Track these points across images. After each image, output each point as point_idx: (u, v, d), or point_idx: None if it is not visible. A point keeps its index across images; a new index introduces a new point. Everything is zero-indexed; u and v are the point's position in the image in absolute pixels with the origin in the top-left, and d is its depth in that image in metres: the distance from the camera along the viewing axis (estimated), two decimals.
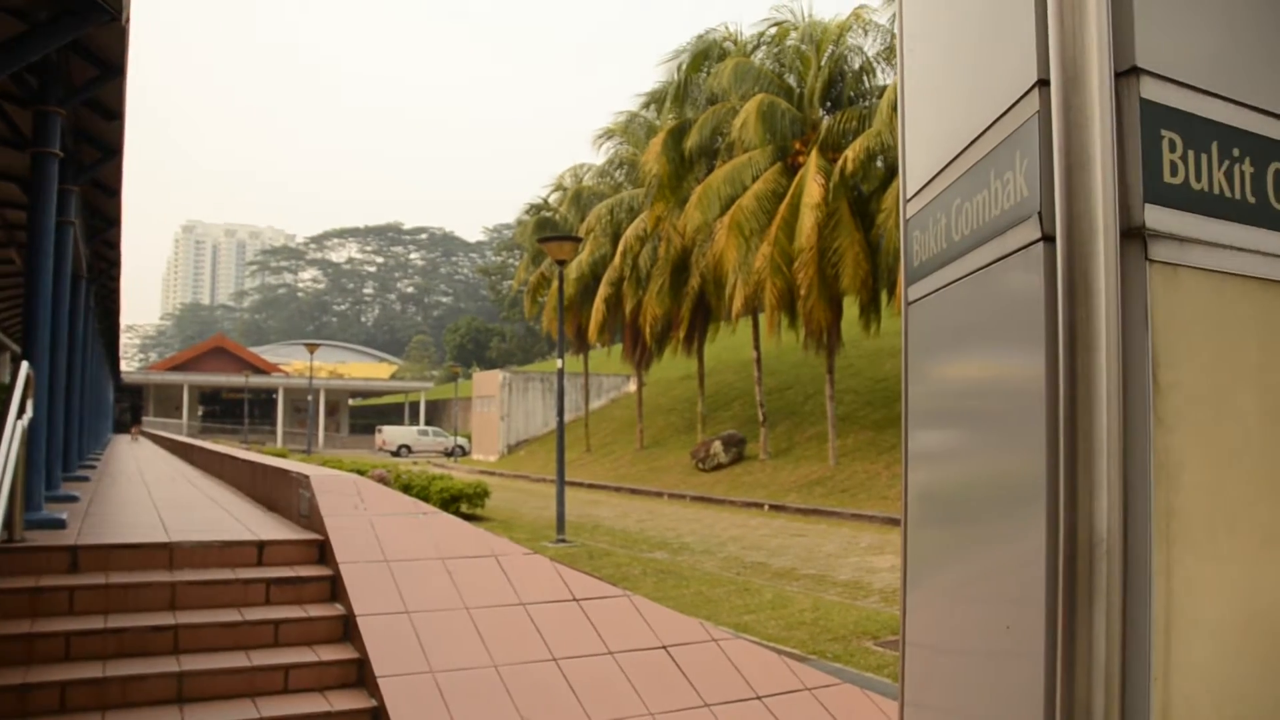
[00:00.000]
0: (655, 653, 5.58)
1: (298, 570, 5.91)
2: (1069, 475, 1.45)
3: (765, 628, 8.86)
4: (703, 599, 10.48)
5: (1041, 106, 1.55)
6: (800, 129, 26.52)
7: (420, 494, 17.92)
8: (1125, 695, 1.46)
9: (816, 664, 7.15)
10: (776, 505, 22.82)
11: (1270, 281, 1.66)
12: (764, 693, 5.40)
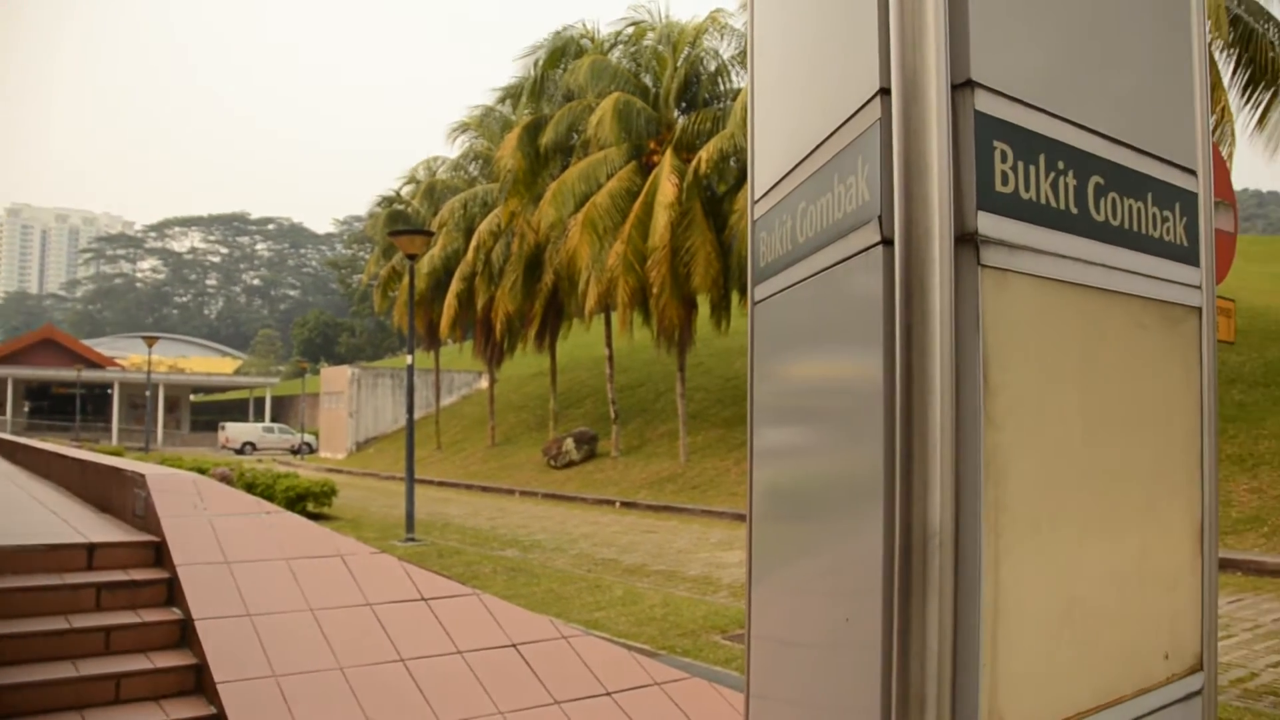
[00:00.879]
0: (505, 651, 5.55)
1: (131, 574, 5.65)
2: (904, 472, 1.51)
3: (616, 624, 8.91)
4: (554, 596, 10.47)
5: (883, 115, 1.61)
6: (655, 128, 26.75)
7: (264, 493, 17.39)
8: (956, 679, 1.53)
9: (666, 659, 7.23)
10: (628, 502, 22.96)
11: (1089, 287, 1.76)
12: (614, 689, 5.43)
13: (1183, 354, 2.03)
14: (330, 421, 48.54)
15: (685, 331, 26.14)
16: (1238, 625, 9.70)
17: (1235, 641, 8.99)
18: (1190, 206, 2.05)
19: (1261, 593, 11.51)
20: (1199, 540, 2.06)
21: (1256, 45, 18.88)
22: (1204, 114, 2.14)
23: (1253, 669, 8.02)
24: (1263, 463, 16.34)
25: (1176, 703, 1.99)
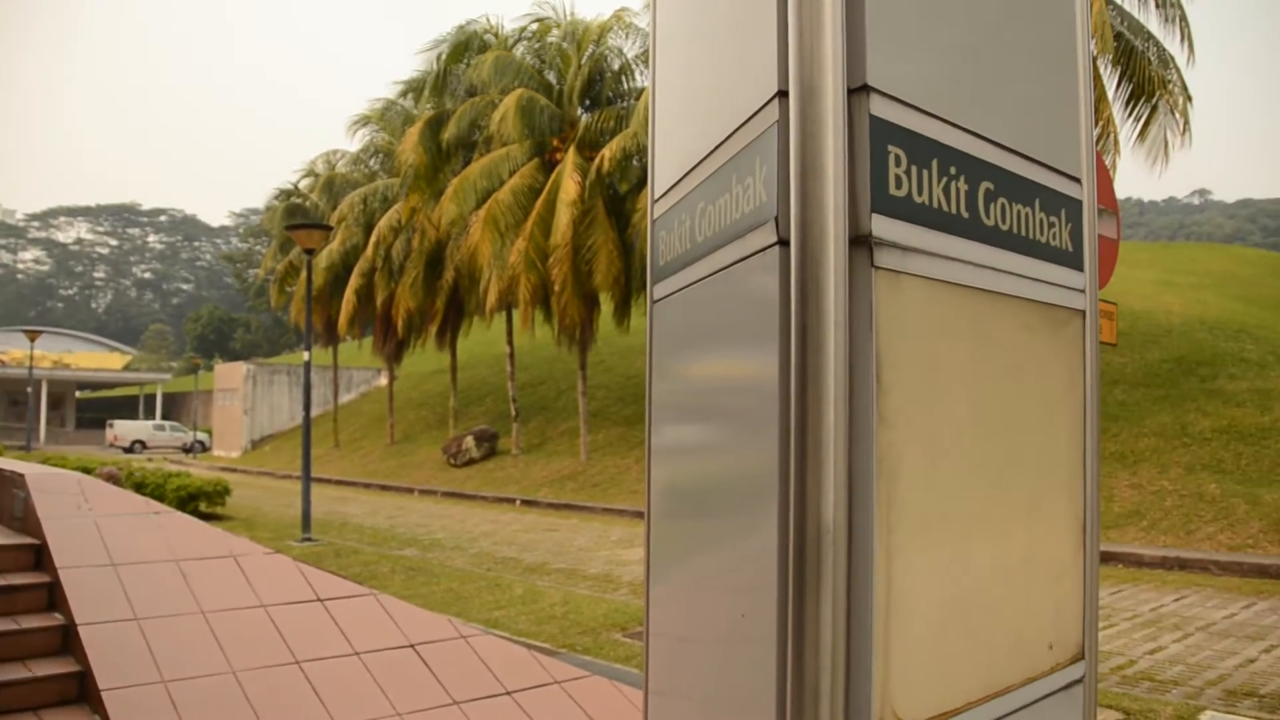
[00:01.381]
0: (403, 652, 5.49)
1: (9, 578, 5.44)
2: (799, 469, 1.53)
3: (516, 623, 8.88)
4: (453, 596, 10.39)
5: (780, 117, 1.63)
6: (559, 126, 26.69)
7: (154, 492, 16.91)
8: (850, 672, 1.56)
9: (566, 657, 7.23)
10: (529, 500, 22.88)
11: (979, 290, 1.81)
12: (514, 688, 5.41)
13: (1067, 355, 2.10)
14: (224, 419, 47.37)
15: (587, 329, 26.15)
16: (1118, 615, 10.07)
17: (1116, 631, 9.33)
18: (1075, 213, 2.12)
19: (1140, 584, 11.97)
20: (1081, 535, 2.14)
21: (1137, 62, 19.64)
22: (1088, 124, 2.21)
23: (1131, 656, 8.33)
24: (1143, 460, 16.98)
25: (1060, 690, 2.06)
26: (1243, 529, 14.04)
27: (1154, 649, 8.62)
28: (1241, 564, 12.77)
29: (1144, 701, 6.55)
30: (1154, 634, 9.20)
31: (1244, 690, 7.30)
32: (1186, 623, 9.68)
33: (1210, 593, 11.37)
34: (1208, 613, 10.20)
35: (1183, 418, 18.18)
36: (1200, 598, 11.06)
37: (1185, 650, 8.56)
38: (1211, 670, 7.87)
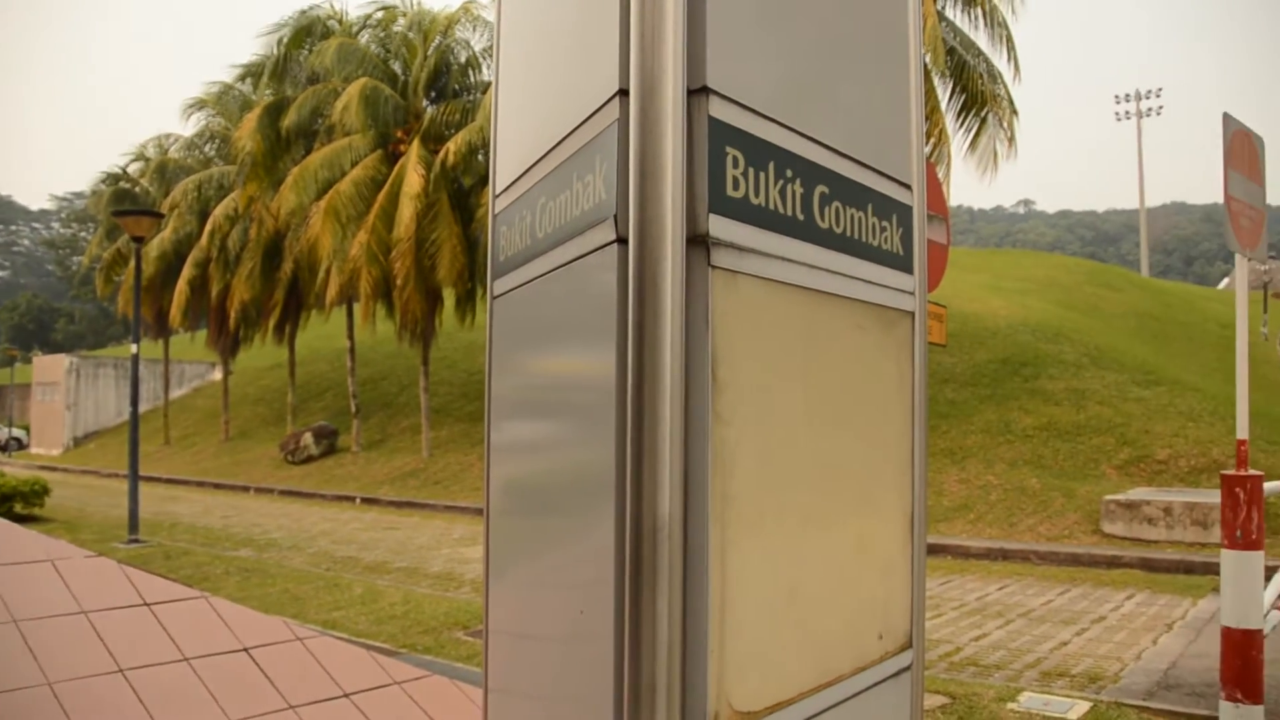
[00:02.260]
0: (236, 656, 5.29)
1: None
2: (635, 466, 1.54)
3: (355, 623, 8.70)
4: (290, 597, 10.11)
5: (621, 115, 1.63)
6: (403, 117, 26.23)
7: None
8: (686, 666, 1.57)
9: (407, 657, 7.12)
10: (369, 498, 22.46)
11: (813, 290, 1.86)
12: (351, 690, 5.28)
13: (897, 355, 2.17)
14: (43, 415, 44.88)
15: (430, 325, 25.80)
16: (946, 604, 10.50)
17: (944, 619, 9.73)
18: (906, 218, 2.20)
19: (967, 574, 12.51)
20: (910, 528, 2.22)
21: (969, 76, 20.54)
22: (919, 134, 2.29)
23: (958, 644, 8.69)
24: (970, 456, 17.75)
25: (889, 678, 2.13)
26: (1059, 520, 14.83)
27: (979, 635, 9.02)
28: (1058, 553, 13.48)
29: (969, 686, 6.85)
30: (979, 621, 9.63)
31: (1058, 671, 7.71)
32: (1008, 610, 10.17)
33: (1030, 581, 11.96)
34: (1027, 600, 10.73)
35: (1007, 415, 19.08)
36: (1021, 586, 11.63)
37: (1007, 636, 8.99)
38: (1030, 654, 8.29)
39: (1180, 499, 13.85)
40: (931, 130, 19.61)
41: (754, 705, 1.70)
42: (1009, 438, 18.19)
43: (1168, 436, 17.44)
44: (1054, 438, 17.96)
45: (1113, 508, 14.18)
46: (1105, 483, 16.14)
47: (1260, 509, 5.32)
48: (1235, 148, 5.61)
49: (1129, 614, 9.96)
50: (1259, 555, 5.33)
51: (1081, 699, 6.62)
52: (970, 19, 21.16)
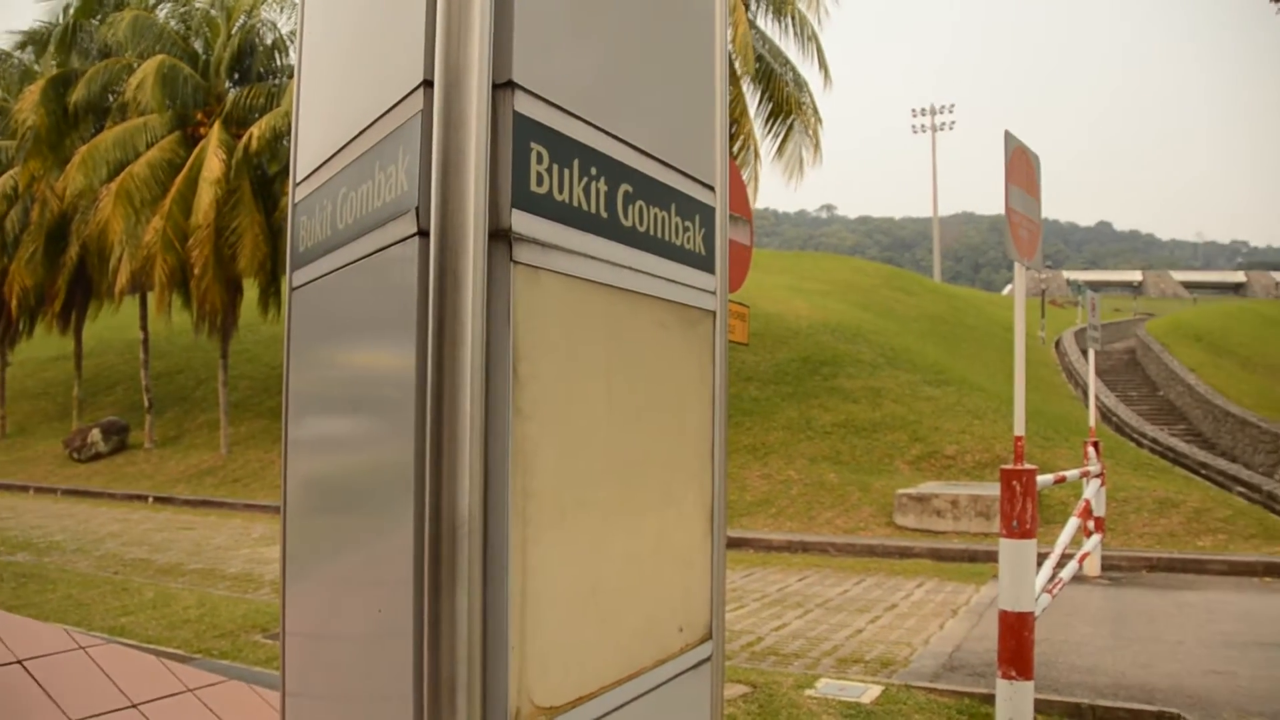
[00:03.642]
0: (9, 669, 4.95)
1: None
2: (435, 462, 1.52)
3: (145, 629, 8.28)
4: (73, 603, 9.54)
5: (425, 106, 1.61)
6: (204, 99, 25.10)
7: None
8: (486, 662, 1.56)
9: (202, 663, 6.83)
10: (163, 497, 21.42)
11: (616, 288, 1.88)
12: (140, 700, 5.02)
13: (698, 353, 2.21)
14: None
15: (229, 316, 24.79)
16: (748, 596, 10.80)
17: (747, 610, 10.00)
18: (709, 219, 2.25)
19: (769, 566, 12.89)
20: (710, 522, 2.27)
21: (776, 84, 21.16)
22: (723, 137, 2.35)
23: (759, 634, 8.95)
24: (772, 452, 18.29)
25: (689, 670, 2.18)
26: (856, 514, 15.46)
27: (779, 625, 9.31)
28: (854, 545, 14.05)
29: (769, 674, 7.06)
30: (779, 612, 9.94)
31: (853, 657, 8.04)
32: (807, 600, 10.54)
33: (829, 572, 12.43)
34: (825, 590, 11.15)
35: (808, 413, 19.76)
36: (820, 577, 12.07)
37: (806, 625, 9.31)
38: (827, 642, 8.61)
39: (966, 492, 14.67)
40: (739, 135, 20.11)
41: (556, 700, 1.70)
42: (809, 434, 18.85)
43: (955, 433, 18.43)
44: (851, 434, 18.72)
45: (905, 501, 14.88)
46: (898, 477, 16.93)
47: (1034, 501, 5.68)
48: (1015, 164, 5.98)
49: (919, 601, 10.49)
50: (1032, 543, 5.70)
51: (874, 683, 6.93)
52: (780, 28, 21.80)
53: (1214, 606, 10.41)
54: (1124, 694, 7.07)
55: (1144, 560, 12.75)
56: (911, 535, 14.40)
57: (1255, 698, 7.04)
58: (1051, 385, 33.58)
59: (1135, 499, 14.95)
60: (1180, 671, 7.74)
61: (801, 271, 38.12)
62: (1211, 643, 8.73)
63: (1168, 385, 33.98)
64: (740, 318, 6.23)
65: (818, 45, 21.76)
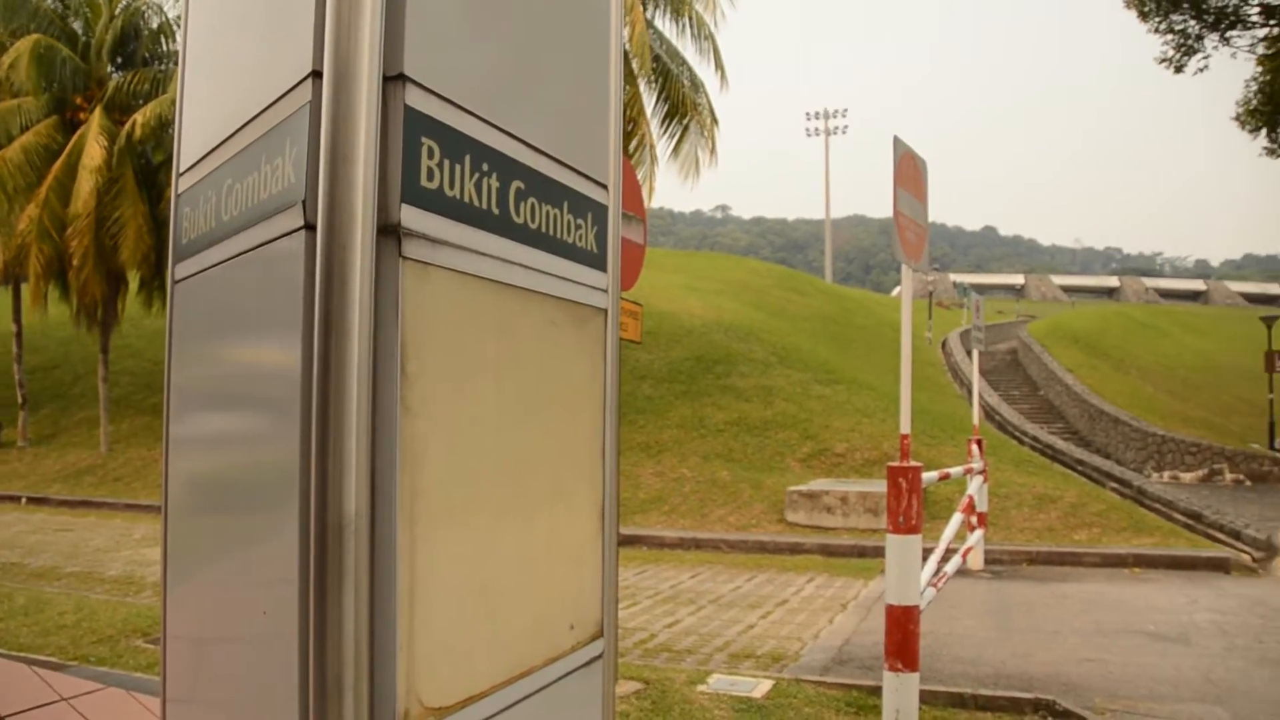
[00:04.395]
0: None
1: None
2: (320, 460, 1.49)
3: (16, 637, 7.95)
4: None
5: (313, 98, 1.58)
6: (84, 83, 24.20)
7: None
8: (374, 663, 1.54)
9: (78, 670, 6.58)
10: (38, 498, 20.61)
11: (507, 285, 1.87)
12: (10, 710, 4.84)
13: (590, 350, 2.22)
14: None
15: (110, 309, 23.96)
16: (642, 593, 10.85)
17: (640, 608, 10.04)
18: (601, 217, 2.25)
19: (662, 563, 12.97)
20: (601, 519, 2.27)
21: (673, 84, 21.28)
22: (617, 136, 2.35)
23: (652, 631, 9.00)
24: (666, 450, 18.41)
25: (581, 668, 2.18)
26: (747, 511, 15.65)
27: (672, 622, 9.37)
28: (746, 541, 14.22)
29: (661, 671, 7.10)
30: (672, 609, 10.01)
31: (745, 653, 8.14)
32: (700, 596, 10.63)
33: (721, 568, 12.55)
34: (718, 586, 11.26)
35: (701, 411, 19.93)
36: (712, 573, 12.18)
37: (698, 621, 9.39)
38: (719, 637, 8.70)
39: (855, 489, 14.96)
40: (635, 134, 20.18)
41: (445, 700, 1.69)
42: (702, 432, 19.01)
43: (845, 431, 18.78)
44: (744, 432, 18.94)
45: (796, 498, 15.11)
46: (789, 474, 17.19)
47: (919, 497, 5.83)
48: (903, 168, 6.11)
49: (809, 596, 10.66)
50: (918, 539, 5.84)
51: (765, 678, 7.02)
52: (678, 28, 21.91)
53: (1088, 597, 10.81)
54: (1004, 683, 7.30)
55: (1024, 554, 13.17)
56: (802, 532, 14.63)
57: (1124, 682, 7.34)
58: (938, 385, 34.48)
59: (1016, 495, 15.44)
60: (1057, 660, 8.02)
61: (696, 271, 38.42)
62: (1086, 632, 9.06)
63: (1047, 385, 35.18)
64: (633, 316, 6.26)
65: (714, 46, 21.94)
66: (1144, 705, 6.82)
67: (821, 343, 30.18)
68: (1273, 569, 12.73)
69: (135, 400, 27.03)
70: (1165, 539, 13.67)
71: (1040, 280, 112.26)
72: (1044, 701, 6.63)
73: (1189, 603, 10.49)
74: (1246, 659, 8.09)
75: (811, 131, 79.26)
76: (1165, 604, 10.43)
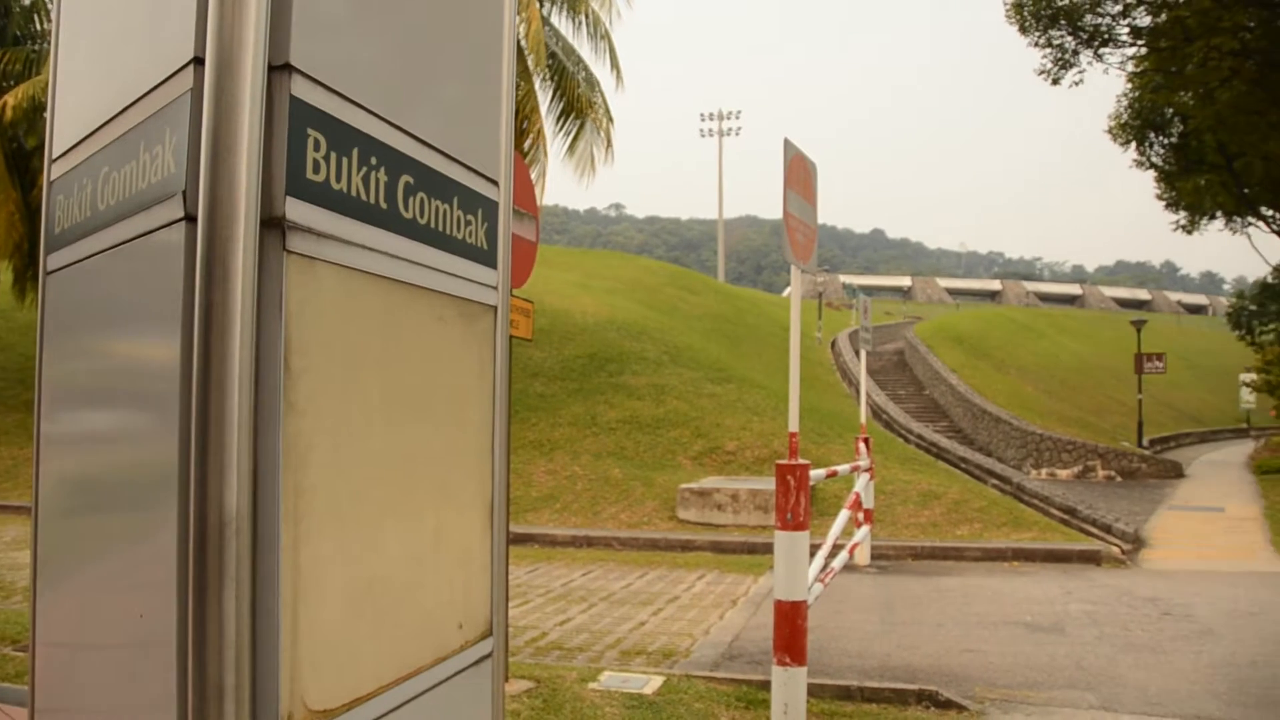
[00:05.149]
0: None
1: None
2: (200, 459, 1.45)
3: None
4: None
5: (195, 85, 1.53)
6: None
7: None
8: (256, 665, 1.51)
9: None
10: None
11: (395, 280, 1.85)
12: None
13: (479, 347, 2.20)
14: None
15: None
16: (534, 592, 10.81)
17: (531, 606, 10.01)
18: (491, 213, 2.24)
19: (554, 562, 12.94)
20: (490, 518, 2.26)
21: (568, 83, 21.25)
22: (509, 132, 2.34)
23: (544, 629, 8.98)
24: (558, 448, 18.38)
25: (470, 667, 2.17)
26: (639, 508, 15.71)
27: (563, 620, 9.36)
28: (638, 539, 14.28)
29: (553, 669, 7.09)
30: (564, 607, 9.99)
31: (636, 650, 8.17)
32: (592, 594, 10.63)
33: (613, 566, 12.57)
34: (610, 584, 11.28)
35: (593, 409, 19.94)
36: (604, 571, 12.19)
37: (590, 619, 9.39)
38: (611, 635, 8.72)
39: (745, 486, 15.14)
40: (530, 132, 20.08)
41: (330, 703, 1.67)
42: (595, 430, 19.03)
43: (736, 429, 18.99)
44: (636, 430, 19.01)
45: (687, 495, 15.23)
46: (681, 472, 17.31)
47: (807, 494, 5.93)
48: (793, 170, 6.21)
49: (700, 593, 10.75)
50: (805, 535, 5.94)
51: (656, 674, 7.06)
52: (574, 25, 21.86)
53: (970, 590, 11.12)
54: (890, 675, 7.47)
55: (909, 549, 13.49)
56: (694, 529, 14.74)
57: (1002, 672, 7.58)
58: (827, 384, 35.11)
59: (902, 492, 15.80)
60: (939, 652, 8.23)
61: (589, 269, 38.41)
62: (967, 624, 9.32)
63: (932, 385, 36.11)
64: (524, 313, 6.23)
65: (610, 45, 21.95)
66: (1021, 693, 7.06)
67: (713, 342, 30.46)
68: (1140, 561, 13.29)
69: (6, 396, 25.93)
70: (1042, 533, 14.14)
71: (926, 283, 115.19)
72: (927, 692, 6.81)
73: (1063, 594, 10.88)
74: (1114, 646, 8.43)
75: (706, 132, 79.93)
76: (1041, 596, 10.80)
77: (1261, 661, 7.90)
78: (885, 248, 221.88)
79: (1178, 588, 11.24)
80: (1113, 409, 38.56)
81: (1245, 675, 7.52)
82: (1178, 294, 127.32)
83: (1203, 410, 48.55)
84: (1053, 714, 6.59)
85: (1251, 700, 6.88)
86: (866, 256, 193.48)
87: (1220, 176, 28.34)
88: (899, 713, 6.61)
